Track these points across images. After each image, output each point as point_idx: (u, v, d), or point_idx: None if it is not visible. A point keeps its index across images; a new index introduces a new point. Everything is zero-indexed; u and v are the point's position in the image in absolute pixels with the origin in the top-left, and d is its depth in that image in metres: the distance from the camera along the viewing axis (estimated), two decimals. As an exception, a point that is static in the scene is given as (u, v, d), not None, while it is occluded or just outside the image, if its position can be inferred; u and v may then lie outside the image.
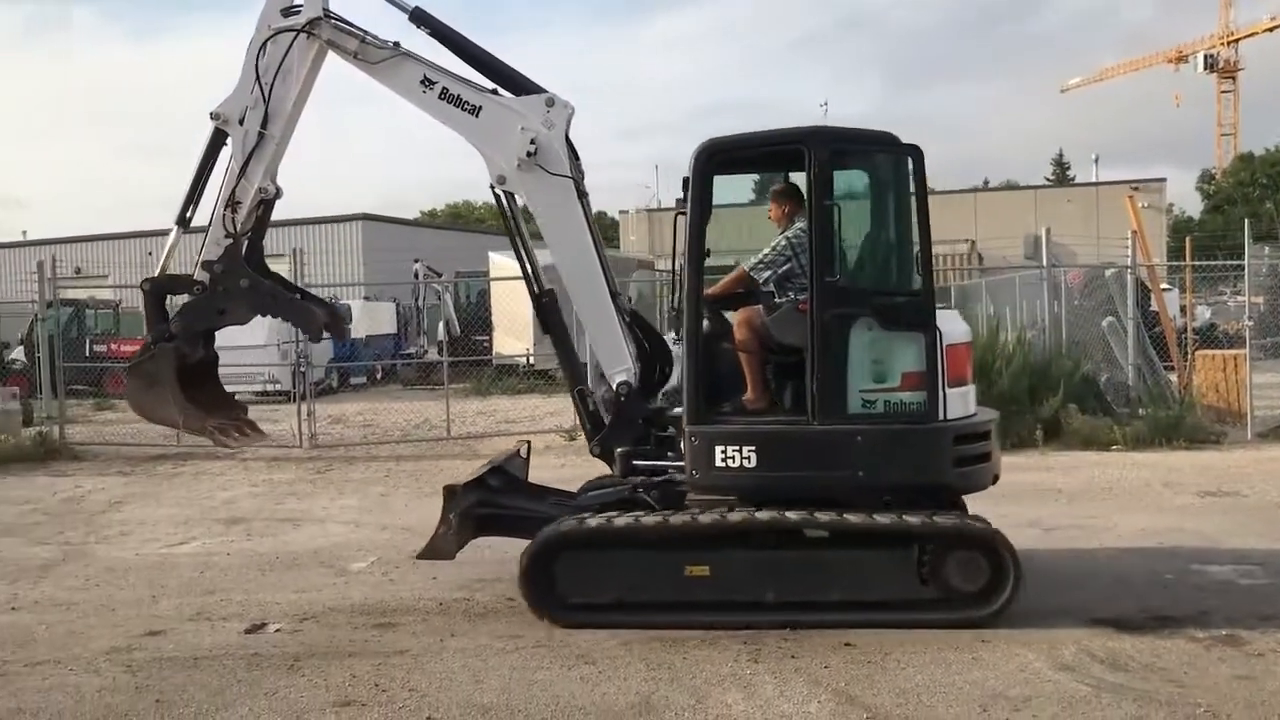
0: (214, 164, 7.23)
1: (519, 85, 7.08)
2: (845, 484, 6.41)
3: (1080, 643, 5.93)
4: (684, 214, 6.61)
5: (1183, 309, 22.96)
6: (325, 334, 7.39)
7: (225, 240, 7.11)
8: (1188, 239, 22.52)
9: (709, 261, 6.60)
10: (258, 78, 7.03)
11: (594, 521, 6.41)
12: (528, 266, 7.32)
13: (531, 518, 6.87)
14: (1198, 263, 22.69)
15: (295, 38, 7.04)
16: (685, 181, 6.60)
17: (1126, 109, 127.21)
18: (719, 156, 6.64)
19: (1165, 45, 72.59)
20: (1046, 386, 13.77)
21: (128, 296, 33.50)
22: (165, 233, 7.36)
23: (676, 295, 7.09)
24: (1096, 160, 57.28)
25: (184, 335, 7.17)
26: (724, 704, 5.18)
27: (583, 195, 7.10)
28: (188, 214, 7.33)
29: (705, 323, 6.76)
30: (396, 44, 7.04)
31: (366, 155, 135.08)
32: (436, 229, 50.75)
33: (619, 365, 7.00)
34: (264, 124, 7.06)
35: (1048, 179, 73.90)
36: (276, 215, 7.39)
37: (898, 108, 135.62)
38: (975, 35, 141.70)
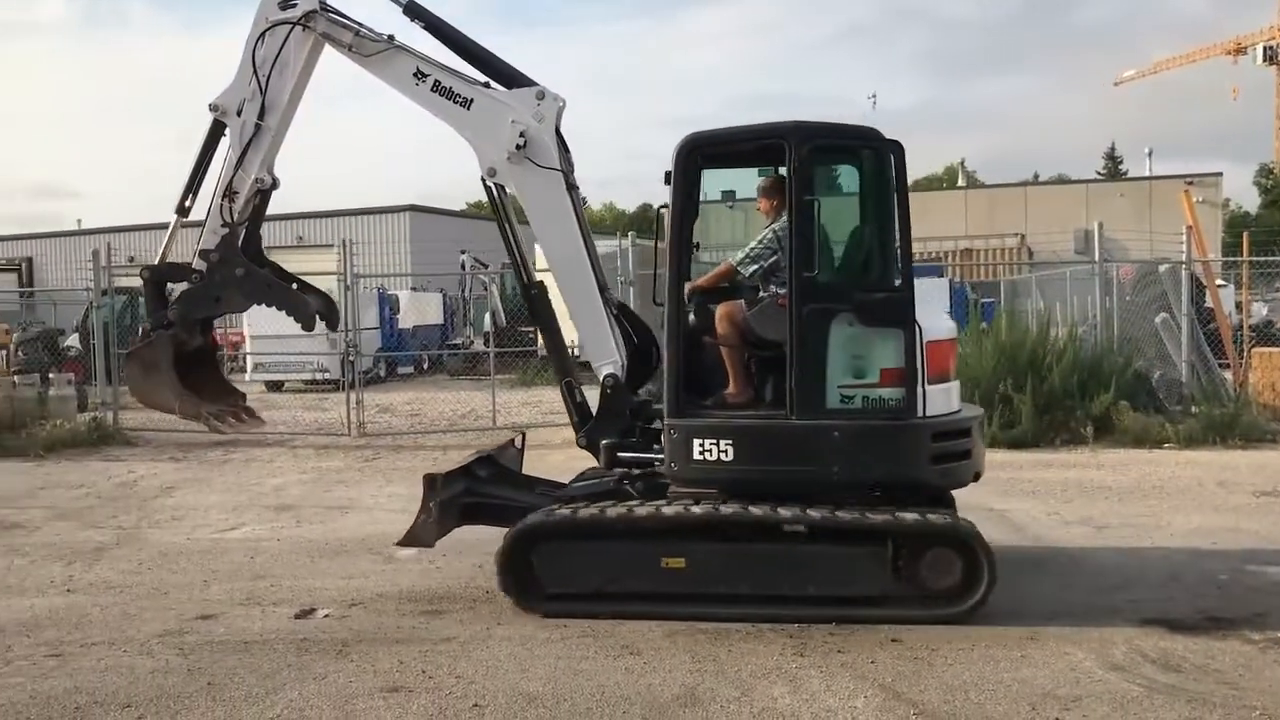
0: (212, 155, 7.36)
1: (511, 79, 7.17)
2: (822, 479, 6.41)
3: (1131, 642, 5.86)
4: (666, 208, 6.65)
5: (1238, 305, 22.53)
6: (319, 323, 7.48)
7: (222, 230, 7.23)
8: (1244, 234, 22.07)
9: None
10: (255, 70, 7.16)
11: (562, 512, 6.50)
12: (518, 258, 7.39)
13: (514, 507, 6.92)
14: (1254, 259, 22.25)
15: (291, 30, 7.15)
16: (667, 176, 6.62)
17: (1182, 102, 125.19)
18: (701, 151, 6.66)
19: (1223, 37, 71.10)
20: (1098, 383, 13.59)
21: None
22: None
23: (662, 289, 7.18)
24: (1150, 154, 56.49)
25: (181, 323, 7.27)
26: (769, 697, 5.17)
27: (572, 188, 7.17)
28: (186, 203, 7.45)
29: (691, 317, 6.87)
30: (390, 37, 7.14)
31: (413, 146, 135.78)
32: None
33: (606, 358, 7.05)
34: (261, 115, 7.18)
35: (1099, 173, 72.86)
36: (325, 205, 7.72)
37: (945, 101, 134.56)
38: (1024, 27, 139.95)
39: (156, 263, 7.56)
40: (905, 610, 6.26)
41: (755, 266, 6.91)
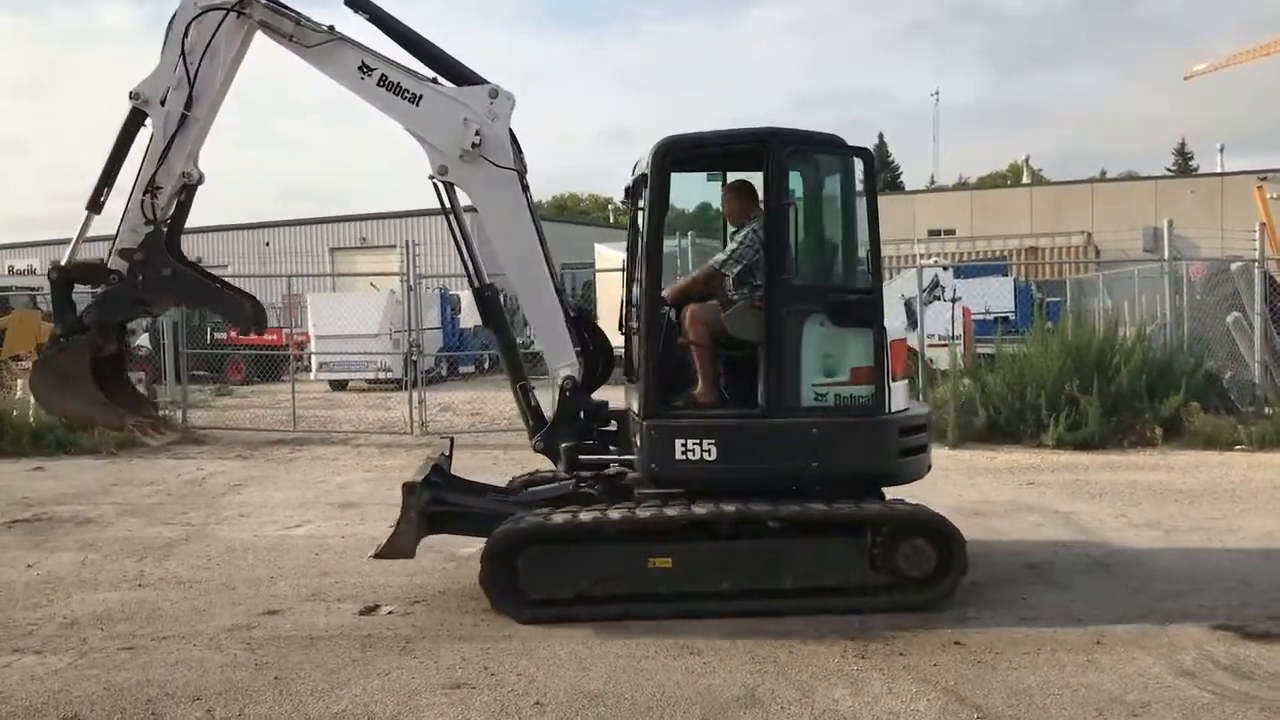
0: (130, 146, 6.88)
1: (460, 75, 6.98)
2: (801, 475, 6.58)
3: (1202, 648, 5.74)
4: (641, 209, 6.70)
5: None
6: (252, 326, 7.07)
7: (145, 227, 6.77)
8: (1320, 231, 21.57)
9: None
10: (184, 57, 6.68)
11: (560, 517, 6.45)
12: (468, 259, 7.27)
13: (481, 515, 6.88)
14: (1330, 256, 21.67)
15: (225, 17, 6.73)
16: (643, 178, 6.68)
17: (1256, 96, 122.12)
18: (677, 154, 6.72)
19: (1298, 29, 69.42)
20: (1167, 384, 13.35)
21: (246, 285, 34.57)
22: (280, 224, 7.41)
23: (632, 290, 7.34)
24: (1222, 150, 55.21)
25: (99, 328, 6.84)
26: (830, 699, 5.14)
27: (525, 188, 7.04)
28: (101, 198, 6.94)
29: (673, 316, 6.94)
30: (331, 28, 6.82)
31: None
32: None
33: (563, 360, 7.03)
34: (188, 105, 6.73)
35: (1169, 169, 71.49)
36: (389, 207, 7.51)
37: (1007, 97, 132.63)
38: (1087, 22, 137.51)
39: (64, 262, 6.99)
40: (882, 598, 6.47)
41: (739, 267, 6.95)
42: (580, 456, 6.97)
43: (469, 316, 28.14)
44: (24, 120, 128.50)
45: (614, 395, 7.42)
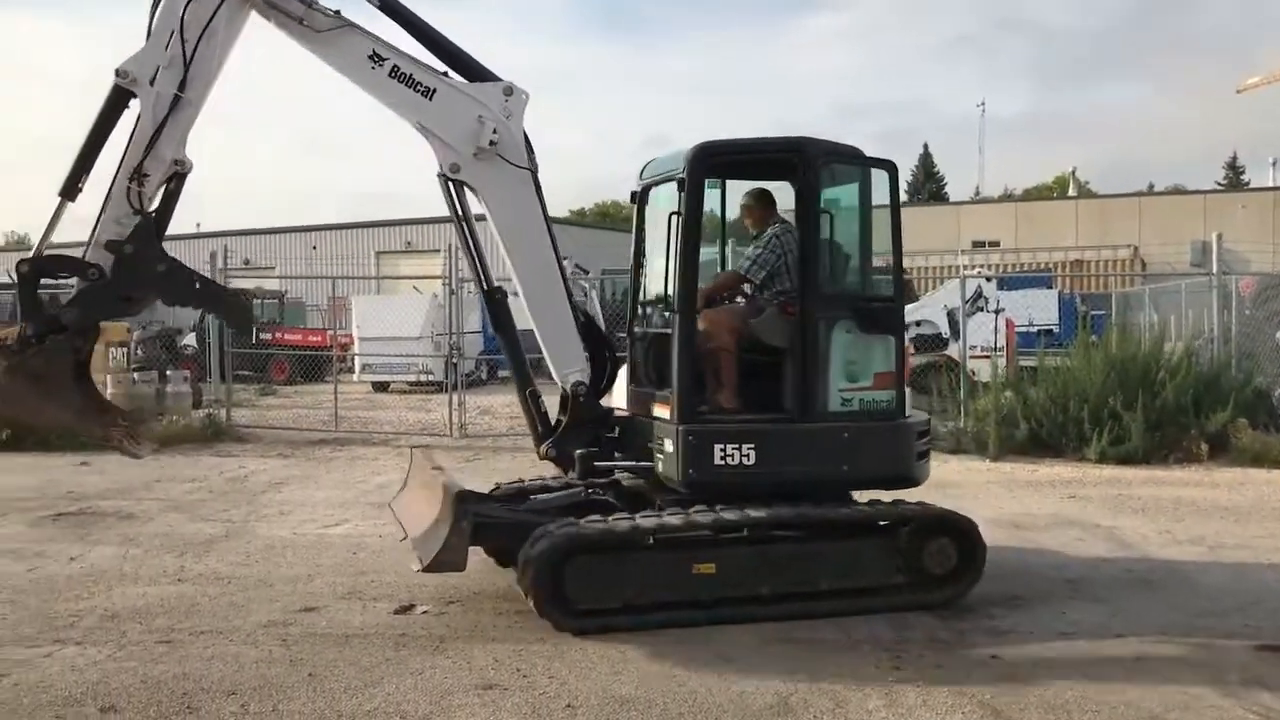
0: (112, 128, 6.27)
1: (474, 71, 6.77)
2: (834, 478, 6.79)
3: (1247, 668, 5.63)
4: (678, 214, 6.66)
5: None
6: (249, 328, 6.87)
7: (132, 218, 6.19)
8: (1375, 247, 21.18)
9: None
10: (182, 35, 6.16)
11: (624, 525, 6.33)
12: (477, 261, 7.13)
13: (510, 525, 6.63)
14: (1385, 273, 21.26)
15: (187, 5, 6.19)
16: (680, 183, 6.64)
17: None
18: (712, 161, 6.78)
19: (1354, 42, 68.19)
20: (1214, 399, 13.14)
21: (293, 287, 34.95)
22: (327, 228, 7.04)
23: (638, 295, 7.49)
24: (1275, 164, 54.35)
25: (79, 327, 6.22)
26: (864, 710, 5.09)
27: (538, 189, 6.88)
28: (79, 184, 6.26)
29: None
30: (337, 12, 6.51)
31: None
32: (585, 227, 51.38)
33: (573, 365, 6.96)
34: (181, 86, 6.20)
35: (1219, 183, 70.41)
36: (430, 213, 7.28)
37: (1053, 109, 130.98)
38: (1134, 35, 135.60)
39: (33, 254, 6.33)
40: (910, 596, 6.65)
41: (764, 273, 7.02)
42: (596, 464, 6.92)
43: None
44: (80, 122, 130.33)
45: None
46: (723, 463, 6.50)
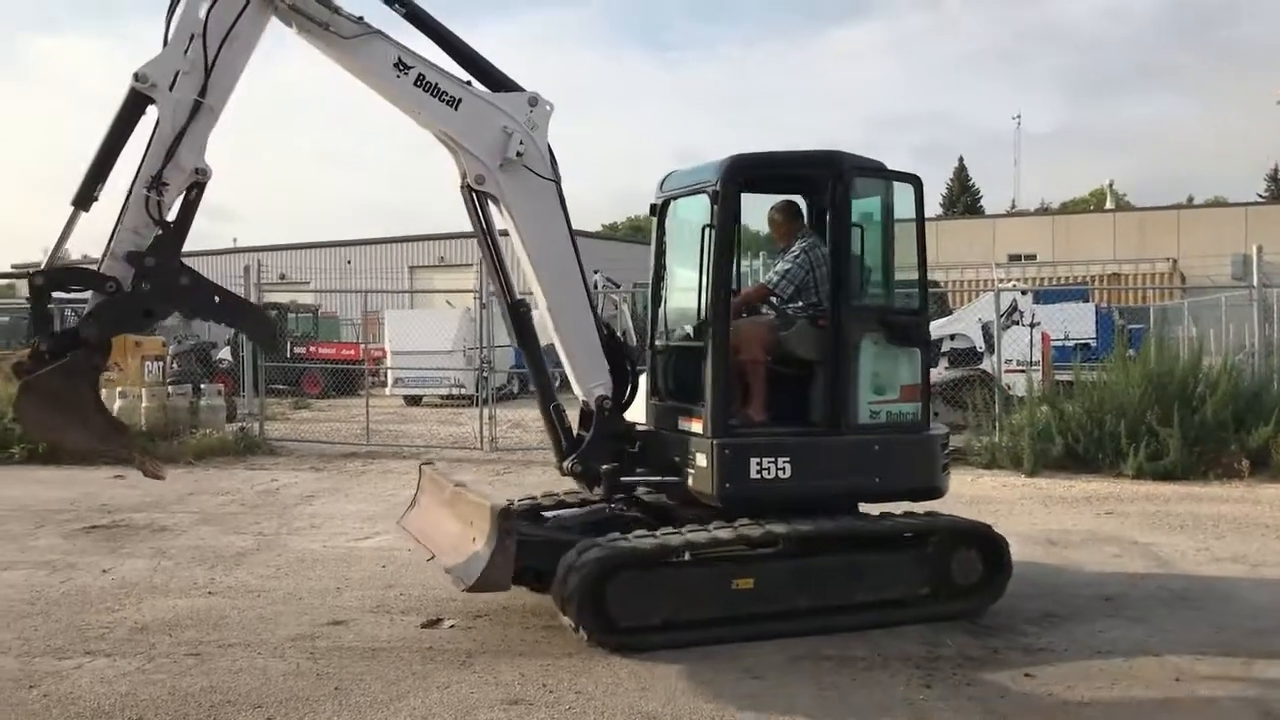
0: (129, 135, 5.99)
1: (496, 80, 6.68)
2: (866, 490, 6.88)
3: (1288, 689, 5.51)
4: (711, 226, 6.62)
5: None
6: (273, 345, 6.58)
7: (151, 229, 5.92)
8: None
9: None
10: (205, 39, 5.94)
11: (676, 540, 6.26)
12: (501, 273, 7.00)
13: (544, 543, 6.50)
14: None
15: (213, 5, 6.01)
16: (714, 195, 6.62)
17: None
18: (746, 173, 6.78)
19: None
20: (1256, 415, 12.91)
21: (327, 301, 35.20)
22: (361, 243, 6.56)
23: (658, 310, 7.47)
24: (1317, 176, 53.64)
25: (99, 343, 5.95)
26: (894, 728, 5.01)
27: (562, 201, 6.81)
28: (95, 193, 5.94)
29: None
30: (361, 19, 6.36)
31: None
32: (616, 241, 51.43)
33: (598, 379, 6.87)
34: (201, 92, 5.97)
35: (1261, 196, 69.50)
36: (464, 228, 7.00)
37: (1089, 122, 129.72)
38: (1169, 47, 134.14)
39: (45, 265, 6.07)
40: (939, 607, 6.69)
41: (792, 287, 7.02)
42: (622, 479, 6.83)
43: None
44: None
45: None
46: (759, 476, 6.48)
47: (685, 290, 7.32)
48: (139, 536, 9.63)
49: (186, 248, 6.13)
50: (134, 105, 5.96)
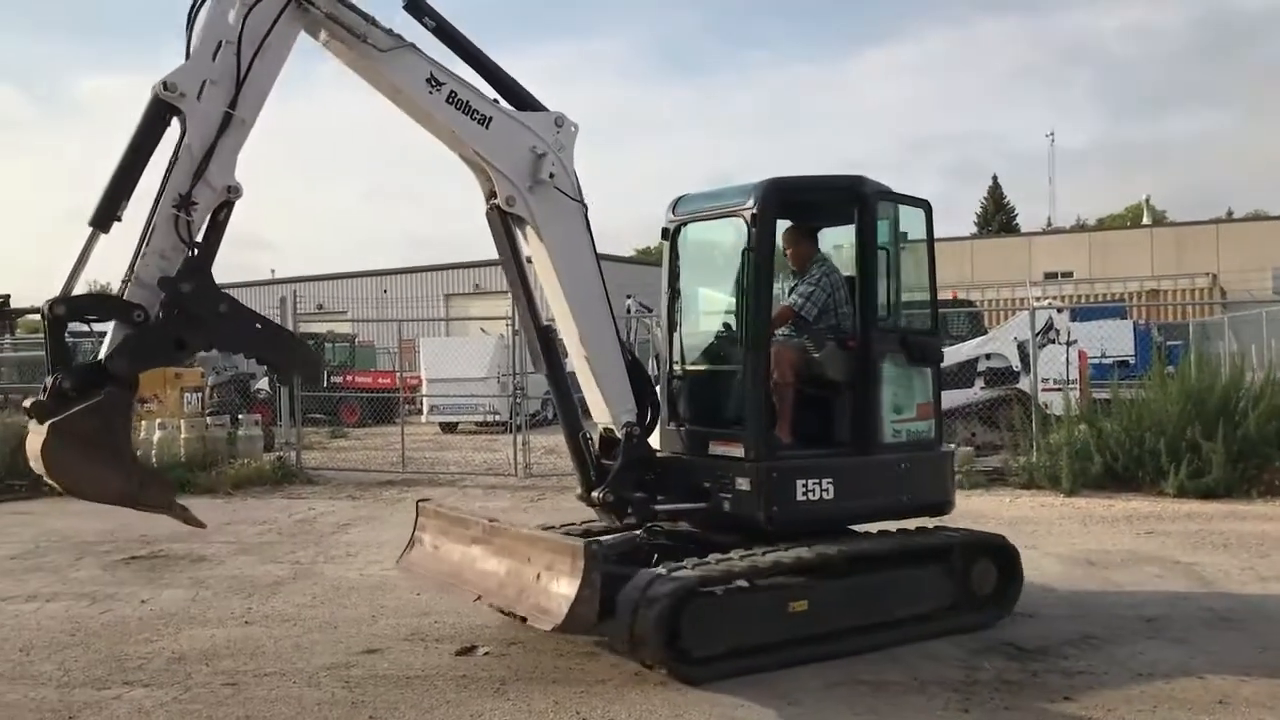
0: (153, 150, 5.54)
1: (521, 100, 6.56)
2: (896, 508, 7.08)
3: (1336, 711, 5.39)
4: (752, 250, 6.64)
5: None
6: (314, 377, 5.88)
7: (181, 252, 5.48)
8: None
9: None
10: (239, 45, 5.61)
11: (744, 564, 6.21)
12: (528, 297, 6.86)
13: (622, 575, 6.15)
14: None
15: (285, 7, 5.77)
16: (753, 219, 6.64)
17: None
18: (783, 196, 6.79)
19: None
20: (1300, 431, 12.69)
21: (364, 330, 35.49)
22: (397, 272, 5.76)
23: (673, 335, 7.45)
24: (1358, 187, 52.90)
25: (130, 378, 5.42)
26: (931, 754, 4.95)
27: (588, 225, 6.76)
28: (116, 214, 5.41)
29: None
30: (392, 32, 6.15)
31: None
32: (649, 265, 51.58)
33: (624, 405, 6.79)
34: (231, 104, 5.61)
35: (1301, 208, 68.67)
36: (491, 254, 6.93)
37: (1123, 138, 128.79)
38: (1200, 64, 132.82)
39: (62, 293, 5.37)
40: (964, 618, 6.88)
41: (816, 309, 7.09)
42: (655, 507, 6.73)
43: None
44: (158, 173, 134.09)
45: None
46: (805, 498, 6.56)
47: (710, 314, 7.41)
48: (177, 567, 9.71)
49: (223, 279, 5.80)
50: (158, 117, 5.53)
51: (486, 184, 6.63)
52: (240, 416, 18.31)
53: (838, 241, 7.63)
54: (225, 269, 6.00)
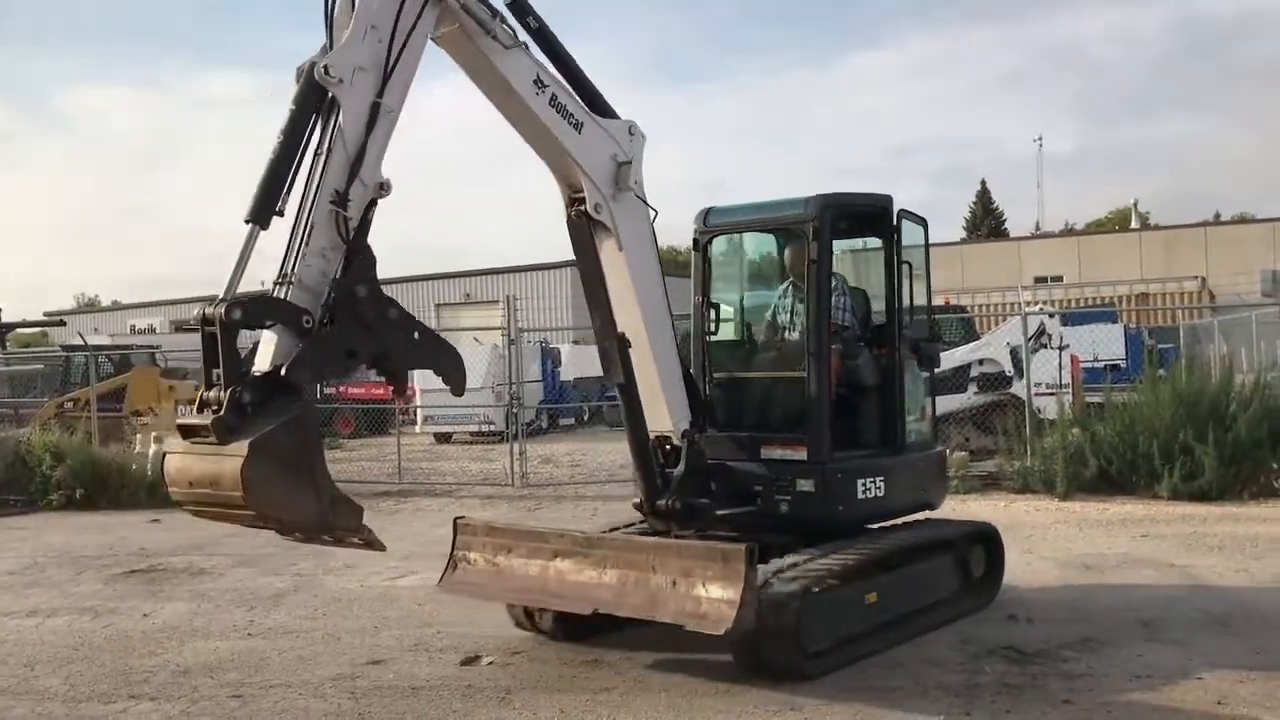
0: (308, 137, 5.24)
1: (601, 107, 6.55)
2: (922, 503, 7.80)
3: (1332, 710, 5.45)
4: (815, 262, 7.05)
5: None
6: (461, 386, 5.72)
7: (339, 252, 5.19)
8: None
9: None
10: (394, 31, 5.39)
11: (833, 567, 6.41)
12: (606, 306, 6.70)
13: None
14: None
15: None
16: (814, 230, 7.05)
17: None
18: (835, 211, 7.25)
19: None
20: (1292, 432, 12.77)
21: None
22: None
23: (707, 339, 7.75)
24: (1344, 189, 53.23)
25: (309, 391, 5.12)
26: (935, 757, 5.01)
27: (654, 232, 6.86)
28: (276, 208, 5.07)
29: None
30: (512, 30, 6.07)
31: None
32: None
33: (684, 413, 6.87)
34: (378, 93, 5.36)
35: (1288, 210, 69.06)
36: (492, 263, 7.05)
37: (1109, 143, 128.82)
38: (1183, 68, 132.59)
39: (228, 295, 4.95)
40: (965, 604, 7.46)
41: (855, 319, 7.58)
42: (719, 513, 6.85)
43: (569, 369, 28.48)
44: (149, 188, 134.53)
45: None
46: (864, 496, 7.05)
47: (751, 322, 7.99)
48: (178, 580, 9.73)
49: (217, 291, 5.14)
50: (313, 102, 5.20)
51: (567, 191, 6.61)
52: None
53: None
54: (217, 282, 5.17)
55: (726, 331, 7.91)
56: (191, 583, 9.60)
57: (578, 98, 6.42)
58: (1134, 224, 54.85)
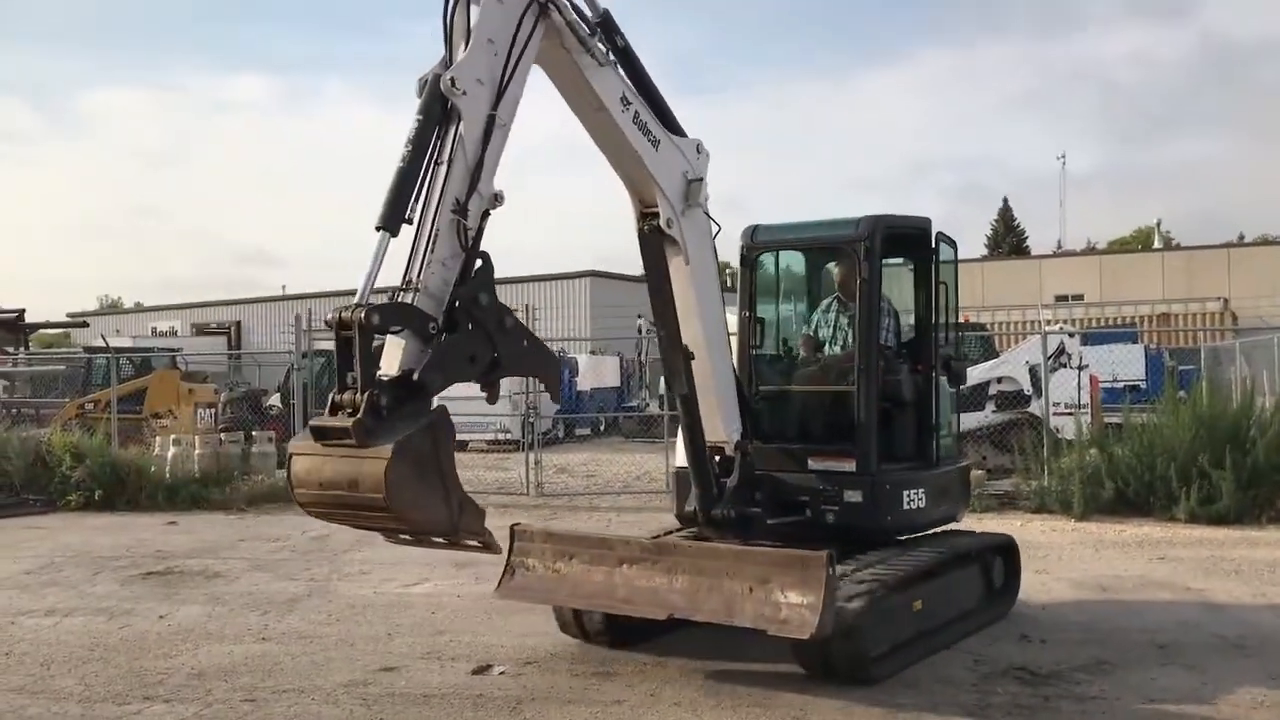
0: (435, 147, 5.36)
1: (671, 125, 6.64)
2: (956, 515, 8.09)
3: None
4: (866, 281, 7.33)
5: None
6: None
7: (458, 260, 5.29)
8: None
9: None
10: (512, 45, 5.52)
11: (893, 574, 6.63)
12: (674, 319, 6.77)
13: None
14: None
15: (528, 8, 5.65)
16: (866, 250, 7.34)
17: None
18: (884, 232, 7.48)
19: None
20: (1312, 457, 12.66)
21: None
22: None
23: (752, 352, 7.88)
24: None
25: (436, 395, 5.25)
26: (945, 777, 4.99)
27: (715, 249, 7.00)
28: (406, 215, 5.21)
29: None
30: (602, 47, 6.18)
31: (589, 216, 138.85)
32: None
33: (736, 424, 7.00)
34: (493, 105, 5.47)
35: (1313, 233, 68.54)
36: (510, 272, 7.13)
37: (1131, 162, 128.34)
38: (1205, 89, 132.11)
39: (363, 299, 4.98)
40: (990, 613, 7.71)
41: (898, 339, 7.83)
42: (770, 521, 6.98)
43: (586, 379, 28.53)
44: (165, 188, 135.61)
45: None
46: (910, 506, 7.30)
47: (792, 338, 8.23)
48: (193, 582, 9.79)
49: (235, 295, 5.60)
50: (440, 112, 5.32)
51: (639, 205, 6.68)
52: (254, 433, 18.38)
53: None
54: (234, 285, 5.44)
55: (766, 345, 8.09)
56: (207, 586, 9.65)
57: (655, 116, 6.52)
58: (1156, 244, 54.59)
